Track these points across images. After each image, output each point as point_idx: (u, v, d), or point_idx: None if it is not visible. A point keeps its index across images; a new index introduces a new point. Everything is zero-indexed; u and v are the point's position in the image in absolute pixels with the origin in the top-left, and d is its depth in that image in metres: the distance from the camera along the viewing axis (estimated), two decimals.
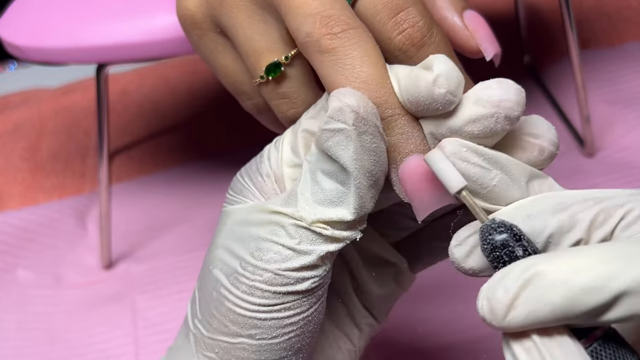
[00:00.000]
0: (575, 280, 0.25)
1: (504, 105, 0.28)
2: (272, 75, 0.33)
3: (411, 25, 0.31)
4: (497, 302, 0.26)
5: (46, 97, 0.80)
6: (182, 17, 0.36)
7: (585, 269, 0.25)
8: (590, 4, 0.76)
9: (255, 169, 0.33)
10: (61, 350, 0.55)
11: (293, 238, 0.30)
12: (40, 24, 0.51)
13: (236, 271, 0.31)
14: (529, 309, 0.25)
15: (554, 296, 0.25)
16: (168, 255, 0.61)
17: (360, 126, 0.29)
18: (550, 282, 0.25)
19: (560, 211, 0.28)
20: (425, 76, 0.29)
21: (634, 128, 0.62)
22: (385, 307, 0.39)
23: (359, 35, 0.30)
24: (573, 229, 0.28)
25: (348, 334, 0.37)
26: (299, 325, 0.31)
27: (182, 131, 0.73)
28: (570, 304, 0.25)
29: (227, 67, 0.36)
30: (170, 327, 0.55)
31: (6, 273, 0.61)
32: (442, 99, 0.29)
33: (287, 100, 0.34)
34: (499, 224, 0.28)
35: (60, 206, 0.67)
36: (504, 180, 0.29)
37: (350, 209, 0.30)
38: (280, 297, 0.31)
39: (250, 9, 0.33)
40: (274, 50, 0.33)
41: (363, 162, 0.29)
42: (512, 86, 0.29)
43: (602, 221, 0.27)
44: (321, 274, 0.31)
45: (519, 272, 0.26)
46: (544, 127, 0.31)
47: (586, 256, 0.26)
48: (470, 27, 0.34)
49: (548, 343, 0.26)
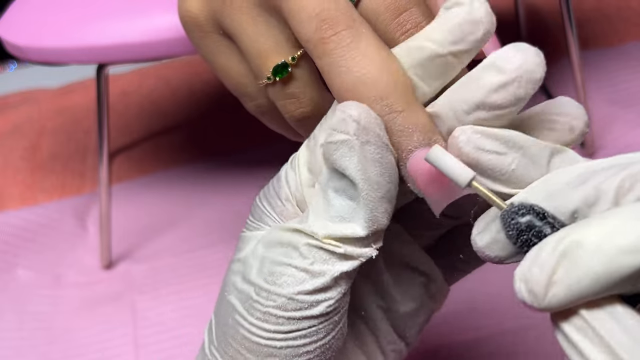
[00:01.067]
0: (613, 243, 0.23)
1: (525, 68, 0.28)
2: (280, 76, 0.33)
3: (414, 26, 0.31)
4: (535, 282, 0.24)
5: (46, 97, 0.80)
6: (184, 18, 0.36)
7: (620, 230, 0.23)
8: (591, 5, 0.76)
9: (273, 193, 0.32)
10: (61, 350, 0.55)
11: (306, 258, 0.29)
12: (40, 24, 0.51)
13: (250, 297, 0.30)
14: (568, 283, 0.24)
15: (593, 264, 0.23)
16: (168, 255, 0.61)
17: (362, 136, 0.28)
18: (587, 250, 0.24)
19: (582, 183, 0.26)
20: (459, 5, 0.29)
21: (634, 128, 0.62)
22: (415, 325, 0.36)
23: (352, 35, 0.30)
24: (600, 201, 0.26)
25: (370, 357, 0.35)
26: (316, 353, 0.30)
27: (182, 131, 0.73)
28: (612, 269, 0.23)
29: (230, 68, 0.36)
30: (170, 327, 0.55)
31: (6, 273, 0.61)
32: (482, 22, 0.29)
33: (295, 101, 0.34)
34: (518, 206, 0.26)
35: (60, 206, 0.67)
36: (523, 162, 0.28)
37: (361, 224, 0.29)
38: (295, 323, 0.30)
39: (253, 11, 0.33)
40: (280, 51, 0.33)
41: (369, 173, 0.28)
42: (529, 49, 0.28)
43: (630, 187, 0.25)
44: (336, 297, 0.30)
45: (553, 246, 0.24)
46: (573, 105, 0.30)
47: (619, 217, 0.24)
48: None
49: (600, 317, 0.24)
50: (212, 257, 0.60)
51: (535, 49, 0.28)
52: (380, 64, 0.30)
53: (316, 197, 0.30)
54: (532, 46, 0.28)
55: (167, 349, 0.54)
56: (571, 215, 0.26)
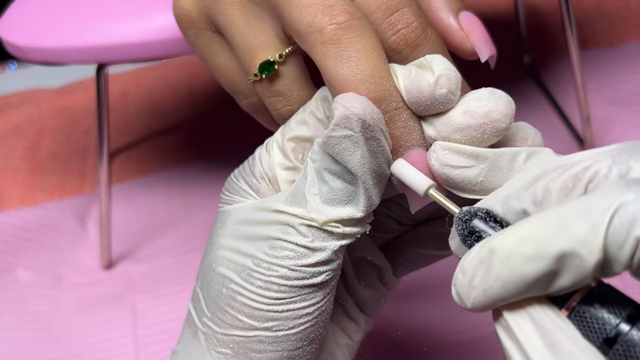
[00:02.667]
0: (517, 252, 0.25)
1: (491, 117, 0.29)
2: (266, 73, 0.33)
3: (405, 26, 0.31)
4: (459, 286, 0.26)
5: (46, 97, 0.80)
6: (178, 16, 0.36)
7: (527, 238, 0.25)
8: (590, 4, 0.76)
9: (248, 171, 0.34)
10: (61, 350, 0.55)
11: (305, 237, 0.31)
12: (40, 24, 0.51)
13: (249, 268, 0.32)
14: (484, 287, 0.25)
15: (502, 271, 0.25)
16: (168, 255, 0.61)
17: (367, 133, 0.29)
18: (498, 258, 0.25)
19: (533, 184, 0.27)
20: (426, 77, 0.30)
21: (634, 128, 0.62)
22: (376, 306, 0.39)
23: (363, 26, 0.30)
24: (546, 200, 0.27)
25: (345, 329, 0.38)
26: (313, 315, 0.32)
27: (182, 131, 0.73)
28: (517, 276, 0.25)
29: (223, 65, 0.36)
30: (170, 327, 0.55)
31: (6, 273, 0.61)
32: (444, 99, 0.30)
33: (282, 98, 0.34)
34: (465, 212, 0.28)
35: (60, 206, 0.67)
36: (491, 172, 0.30)
37: (359, 207, 0.31)
38: (297, 291, 0.31)
39: (245, 7, 0.33)
40: (268, 48, 0.33)
41: (370, 165, 0.30)
42: (502, 98, 0.30)
43: (572, 187, 0.26)
44: (334, 267, 0.32)
45: (475, 252, 0.26)
46: (531, 132, 0.31)
47: (529, 224, 0.25)
48: (466, 29, 0.34)
49: (519, 319, 0.25)
50: None
51: (508, 99, 0.30)
52: (386, 62, 0.30)
53: (309, 176, 0.31)
54: (505, 95, 0.30)
55: (167, 349, 0.53)
56: (522, 214, 0.27)
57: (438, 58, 0.30)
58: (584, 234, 0.24)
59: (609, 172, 0.26)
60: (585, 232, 0.24)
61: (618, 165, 0.26)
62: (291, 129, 0.33)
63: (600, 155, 0.27)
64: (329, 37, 0.30)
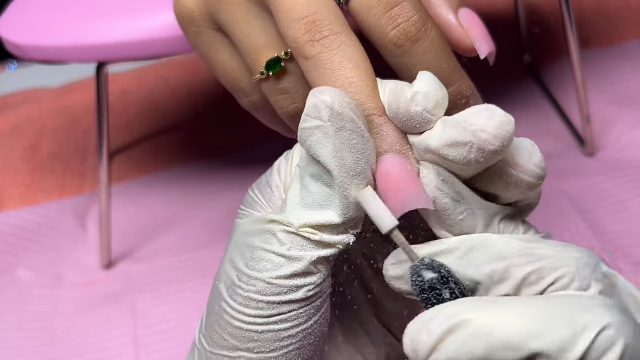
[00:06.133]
0: (498, 334, 0.25)
1: (479, 137, 0.28)
2: (273, 71, 0.33)
3: (406, 20, 0.31)
4: (421, 344, 0.26)
5: (46, 97, 0.80)
6: (180, 14, 0.36)
7: (508, 323, 0.25)
8: (590, 4, 0.76)
9: (265, 182, 0.33)
10: (61, 350, 0.55)
11: (283, 245, 0.30)
12: (40, 22, 0.51)
13: (234, 283, 0.31)
14: (449, 356, 0.26)
15: (475, 347, 0.25)
16: (168, 255, 0.61)
17: (337, 122, 0.28)
18: (474, 333, 0.25)
19: (495, 261, 0.28)
20: (405, 92, 0.29)
21: (634, 128, 0.62)
22: (400, 320, 0.37)
23: (341, 40, 0.31)
24: (504, 282, 0.28)
25: (364, 354, 0.36)
26: (298, 338, 0.31)
27: (182, 131, 0.73)
28: (490, 357, 0.25)
29: (224, 64, 0.36)
30: (170, 327, 0.55)
31: (6, 273, 0.61)
32: (419, 117, 0.29)
33: (288, 96, 0.34)
34: (427, 265, 0.28)
35: (60, 206, 0.67)
36: (471, 218, 0.29)
37: (337, 211, 0.29)
38: (275, 308, 0.30)
39: (247, 6, 0.33)
40: (273, 46, 0.33)
41: (344, 159, 0.29)
42: (497, 118, 0.28)
43: (535, 281, 0.28)
44: (316, 282, 0.30)
45: (446, 318, 0.26)
46: (525, 155, 0.29)
47: (512, 310, 0.26)
48: (465, 25, 0.34)
49: None
50: (213, 257, 0.60)
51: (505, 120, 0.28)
52: (364, 72, 0.30)
53: (294, 184, 0.31)
54: (504, 116, 0.28)
55: (167, 349, 0.53)
56: (475, 284, 0.28)
57: (425, 74, 0.29)
58: (565, 342, 0.25)
59: (572, 282, 0.27)
60: (567, 341, 0.25)
61: (580, 280, 0.27)
62: None
63: (568, 260, 0.28)
64: (308, 54, 0.31)
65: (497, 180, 0.30)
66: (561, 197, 0.58)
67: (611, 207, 0.56)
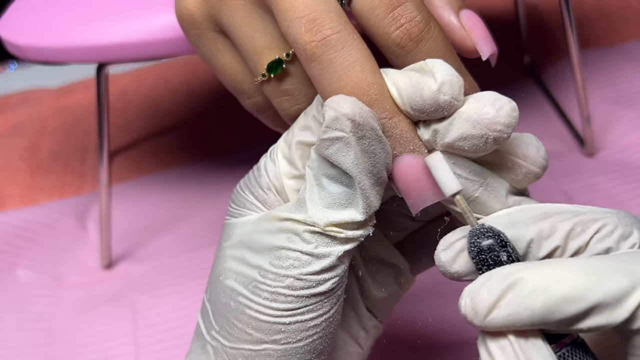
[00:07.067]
0: (556, 289, 0.27)
1: (493, 128, 0.29)
2: (274, 72, 0.33)
3: (408, 20, 0.31)
4: (480, 302, 0.27)
5: (46, 97, 0.80)
6: (181, 16, 0.36)
7: (565, 280, 0.27)
8: (590, 4, 0.76)
9: (254, 182, 0.34)
10: (61, 350, 0.55)
11: (309, 243, 0.31)
12: (40, 23, 0.51)
13: (255, 280, 0.31)
14: (509, 312, 0.27)
15: (534, 302, 0.27)
16: (168, 255, 0.61)
17: (358, 132, 0.29)
18: (532, 289, 0.27)
19: (541, 220, 0.30)
20: (429, 84, 0.29)
21: (634, 128, 0.62)
22: (387, 309, 0.39)
23: (343, 40, 0.30)
24: (552, 236, 0.29)
25: (355, 337, 0.37)
26: (322, 327, 0.32)
27: (181, 131, 0.73)
28: (549, 311, 0.27)
29: (226, 66, 0.36)
30: (170, 327, 0.55)
31: (6, 273, 0.61)
32: (447, 105, 0.30)
33: (290, 97, 0.34)
34: (487, 229, 0.29)
35: (60, 206, 0.67)
36: (485, 193, 0.31)
37: (359, 210, 0.31)
38: (304, 300, 0.31)
39: (248, 8, 0.33)
40: (275, 47, 0.33)
41: (364, 164, 0.30)
42: (505, 107, 0.29)
43: (579, 232, 0.29)
44: (340, 273, 0.32)
45: (503, 276, 0.28)
46: (533, 148, 0.32)
47: (566, 267, 0.28)
48: (467, 27, 0.34)
49: (523, 344, 0.27)
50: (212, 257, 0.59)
51: (512, 107, 0.30)
52: (370, 73, 0.30)
53: (308, 183, 0.31)
54: (509, 103, 0.30)
55: (167, 349, 0.54)
56: (527, 244, 0.30)
57: (439, 63, 0.30)
58: (623, 291, 0.27)
59: (615, 229, 0.29)
60: (625, 291, 0.27)
61: (623, 227, 0.30)
62: (295, 135, 0.33)
63: (607, 213, 0.30)
64: (311, 55, 0.31)
65: (508, 171, 0.32)
66: (561, 197, 0.58)
67: (611, 207, 0.56)
